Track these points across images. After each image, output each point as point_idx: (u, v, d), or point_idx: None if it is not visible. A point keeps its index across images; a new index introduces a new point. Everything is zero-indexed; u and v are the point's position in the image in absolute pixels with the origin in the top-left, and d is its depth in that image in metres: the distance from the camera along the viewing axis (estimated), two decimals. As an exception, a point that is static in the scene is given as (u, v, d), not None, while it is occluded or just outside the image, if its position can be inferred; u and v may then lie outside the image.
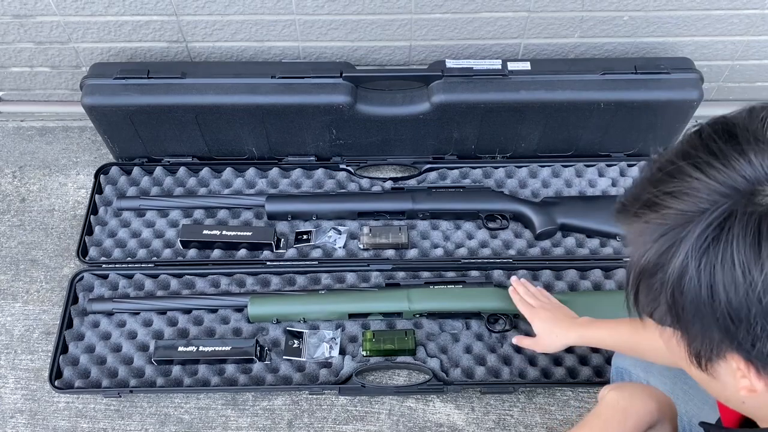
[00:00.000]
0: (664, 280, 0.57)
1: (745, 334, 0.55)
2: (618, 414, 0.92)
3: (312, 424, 1.37)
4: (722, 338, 0.56)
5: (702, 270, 0.54)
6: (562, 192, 1.64)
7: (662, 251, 0.57)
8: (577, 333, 1.24)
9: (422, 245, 1.56)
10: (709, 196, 0.55)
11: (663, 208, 0.57)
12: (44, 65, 1.68)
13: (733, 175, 0.55)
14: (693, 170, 0.56)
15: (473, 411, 1.39)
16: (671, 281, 0.57)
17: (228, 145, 1.63)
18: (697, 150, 0.58)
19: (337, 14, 1.52)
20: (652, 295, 0.60)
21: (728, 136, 0.57)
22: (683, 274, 0.56)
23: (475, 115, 1.53)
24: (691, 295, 0.56)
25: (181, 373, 1.40)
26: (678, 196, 0.56)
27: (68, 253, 1.61)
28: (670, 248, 0.56)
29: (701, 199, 0.55)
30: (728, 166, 0.55)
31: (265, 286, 1.51)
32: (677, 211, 0.56)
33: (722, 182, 0.55)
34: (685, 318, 0.58)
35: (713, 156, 0.56)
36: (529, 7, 1.51)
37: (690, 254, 0.55)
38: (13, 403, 1.41)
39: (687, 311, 0.57)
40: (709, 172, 0.56)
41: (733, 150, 0.56)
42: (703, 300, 0.55)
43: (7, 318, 1.52)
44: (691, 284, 0.55)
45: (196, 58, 1.63)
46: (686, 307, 0.57)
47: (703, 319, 0.56)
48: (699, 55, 1.62)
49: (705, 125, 0.60)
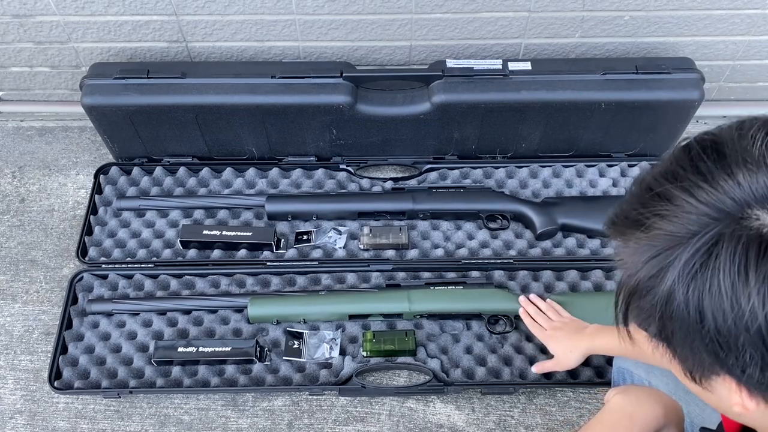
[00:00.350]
0: (654, 303, 0.57)
1: (734, 360, 0.54)
2: (624, 419, 0.91)
3: (312, 425, 1.37)
4: (712, 362, 0.56)
5: (690, 296, 0.54)
6: (563, 192, 1.63)
7: (652, 274, 0.56)
8: (587, 343, 1.24)
9: (423, 245, 1.55)
10: (698, 218, 0.54)
11: (651, 229, 0.56)
12: (44, 65, 1.68)
13: (722, 197, 0.54)
14: (681, 192, 0.55)
15: (474, 412, 1.38)
16: (660, 305, 0.56)
17: (228, 145, 1.63)
18: (685, 170, 0.57)
19: (337, 14, 1.52)
20: (643, 315, 0.59)
21: (717, 155, 0.56)
22: (671, 299, 0.55)
23: (475, 115, 1.53)
24: (680, 320, 0.55)
25: (180, 374, 1.39)
26: (666, 218, 0.56)
27: (68, 254, 1.60)
28: (660, 272, 0.56)
29: (690, 221, 0.54)
30: (716, 187, 0.54)
31: (265, 286, 1.50)
32: (666, 233, 0.55)
33: (710, 204, 0.54)
34: (675, 341, 0.58)
35: (701, 177, 0.55)
36: (530, 7, 1.50)
37: (678, 279, 0.54)
38: (13, 404, 1.41)
39: (676, 335, 0.57)
40: (697, 194, 0.55)
41: (722, 170, 0.54)
42: (692, 325, 0.54)
43: (7, 318, 1.52)
44: (680, 309, 0.55)
45: (196, 58, 1.63)
46: (675, 331, 0.56)
47: (692, 344, 0.56)
48: (700, 55, 1.61)
49: (693, 142, 0.59)
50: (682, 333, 0.56)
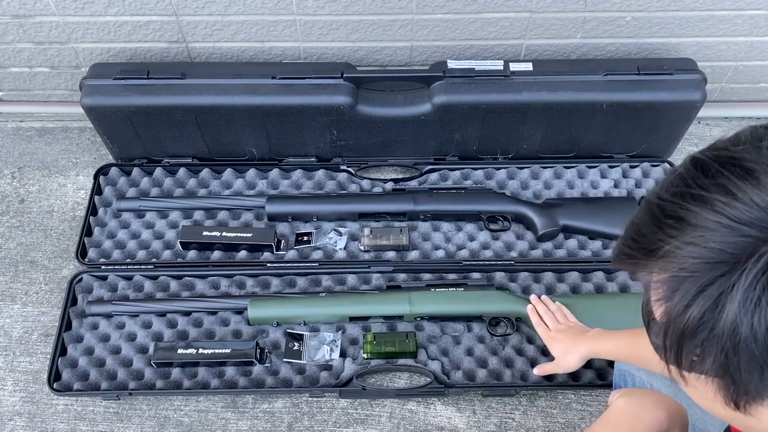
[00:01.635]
0: (711, 337, 0.52)
1: None
2: (627, 422, 0.90)
3: (312, 427, 1.36)
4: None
5: (757, 325, 0.50)
6: (564, 193, 1.63)
7: (706, 308, 0.52)
8: (587, 347, 1.24)
9: (423, 247, 1.55)
10: (737, 240, 0.50)
11: (685, 258, 0.52)
12: (44, 65, 1.67)
13: (760, 213, 0.50)
14: (712, 214, 0.51)
15: (474, 414, 1.38)
16: (722, 340, 0.52)
17: (228, 146, 1.63)
18: (709, 191, 0.52)
19: (338, 15, 1.51)
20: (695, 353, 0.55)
21: (741, 170, 0.52)
22: (736, 332, 0.51)
23: (476, 116, 1.53)
24: (748, 352, 0.51)
25: (180, 376, 1.39)
26: (701, 245, 0.51)
27: (67, 255, 1.60)
28: (715, 305, 0.51)
29: (729, 244, 0.50)
30: (751, 204, 0.50)
31: (265, 287, 1.50)
32: (704, 260, 0.51)
33: (749, 223, 0.50)
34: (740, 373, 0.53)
35: (731, 195, 0.51)
36: (531, 8, 1.50)
37: (740, 309, 0.50)
38: (12, 406, 1.40)
39: (742, 367, 0.53)
40: (732, 215, 0.51)
41: (754, 187, 0.51)
42: (762, 354, 0.51)
43: (6, 320, 1.52)
44: (747, 342, 0.51)
45: (196, 59, 1.63)
46: (741, 364, 0.52)
47: (761, 374, 0.52)
48: (702, 55, 1.61)
49: (706, 159, 0.55)
50: (751, 366, 0.52)
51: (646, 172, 1.65)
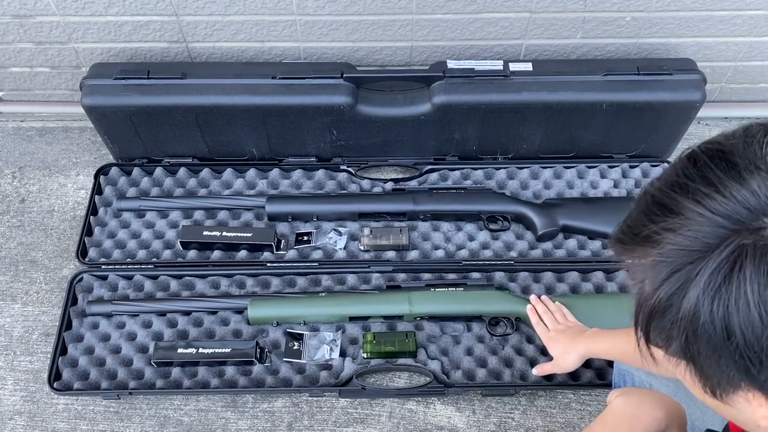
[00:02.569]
0: (676, 320, 0.55)
1: (766, 375, 0.53)
2: (626, 421, 0.91)
3: (312, 427, 1.37)
4: (740, 376, 0.55)
5: (716, 312, 0.52)
6: (564, 193, 1.63)
7: (672, 292, 0.54)
8: (584, 346, 1.24)
9: (423, 247, 1.55)
10: (713, 230, 0.53)
11: (664, 244, 0.55)
12: (44, 65, 1.68)
13: (737, 207, 0.52)
14: (692, 204, 0.54)
15: (474, 413, 1.38)
16: (684, 323, 0.54)
17: (228, 146, 1.63)
18: (694, 181, 0.55)
19: (338, 15, 1.51)
20: (664, 334, 0.58)
21: (726, 164, 0.54)
22: (696, 316, 0.53)
23: (476, 116, 1.53)
24: (706, 336, 0.54)
25: (180, 375, 1.39)
26: (678, 232, 0.54)
27: (68, 254, 1.60)
28: (681, 289, 0.54)
29: (705, 233, 0.53)
30: (730, 197, 0.52)
31: (265, 287, 1.50)
32: (680, 247, 0.54)
33: (724, 215, 0.52)
34: (700, 357, 0.56)
35: (713, 187, 0.54)
36: (531, 8, 1.50)
37: (702, 295, 0.52)
38: (12, 405, 1.40)
39: (701, 351, 0.55)
40: (710, 205, 0.53)
41: (734, 180, 0.53)
42: (719, 340, 0.53)
43: (7, 319, 1.52)
44: (705, 326, 0.53)
45: (197, 59, 1.63)
46: (701, 348, 0.55)
47: (719, 360, 0.54)
48: (702, 56, 1.61)
49: (698, 151, 0.57)
50: (708, 350, 0.54)
51: (645, 172, 1.65)
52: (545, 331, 1.32)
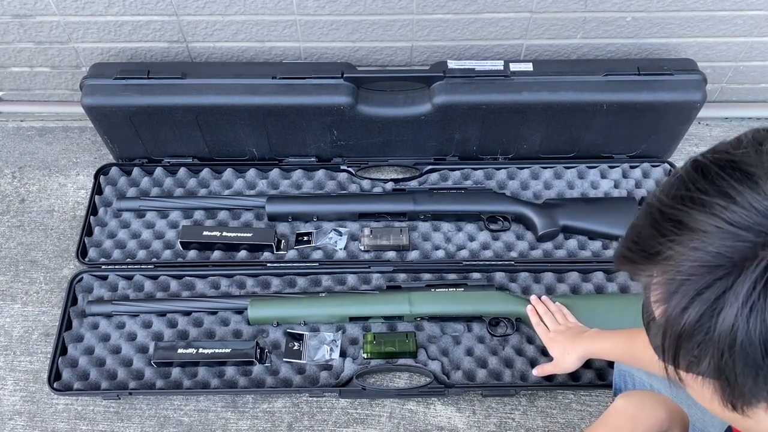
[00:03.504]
0: (709, 340, 0.53)
1: None
2: (626, 422, 0.91)
3: (312, 427, 1.37)
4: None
5: (753, 329, 0.50)
6: (564, 194, 1.63)
7: (702, 312, 0.52)
8: (584, 347, 1.24)
9: (423, 247, 1.55)
10: (737, 244, 0.50)
11: (682, 261, 0.53)
12: (44, 65, 1.68)
13: (758, 218, 0.50)
14: (710, 218, 0.52)
15: (474, 414, 1.38)
16: (720, 342, 0.52)
17: (228, 146, 1.63)
18: (708, 194, 0.52)
19: (338, 15, 1.51)
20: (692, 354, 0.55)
21: (741, 174, 0.52)
22: (733, 335, 0.51)
23: (476, 117, 1.53)
24: (744, 356, 0.51)
25: (180, 375, 1.39)
26: (698, 248, 0.52)
27: (68, 254, 1.60)
28: (712, 308, 0.51)
29: (726, 248, 0.51)
30: (750, 209, 0.50)
31: (265, 287, 1.50)
32: (702, 264, 0.52)
33: (746, 227, 0.50)
34: (734, 375, 0.53)
35: (730, 199, 0.51)
36: (532, 8, 1.50)
37: (739, 313, 0.50)
38: (12, 405, 1.40)
39: (738, 370, 0.53)
40: (730, 218, 0.51)
41: (752, 190, 0.51)
42: (758, 358, 0.51)
43: (6, 319, 1.52)
44: (744, 345, 0.51)
45: (197, 59, 1.63)
46: (737, 367, 0.52)
47: (756, 377, 0.52)
48: (702, 56, 1.61)
49: (706, 162, 0.55)
50: (747, 368, 0.52)
51: (646, 172, 1.65)
52: (545, 332, 1.32)
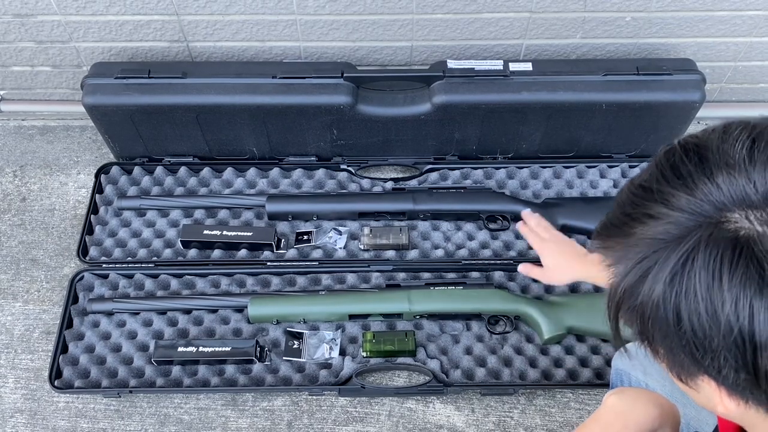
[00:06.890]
0: (635, 305, 0.58)
1: (710, 362, 0.55)
2: (618, 419, 0.91)
3: (312, 425, 1.37)
4: (690, 363, 0.57)
5: (668, 299, 0.55)
6: (564, 193, 1.63)
7: (636, 278, 0.57)
8: (583, 271, 1.26)
9: (423, 246, 1.55)
10: (679, 224, 0.55)
11: (634, 235, 0.57)
12: (45, 64, 1.68)
13: (700, 202, 0.54)
14: (661, 197, 0.56)
15: (473, 412, 1.39)
16: (641, 307, 0.57)
17: (229, 145, 1.63)
18: (666, 176, 0.57)
19: (338, 14, 1.51)
20: (626, 317, 0.61)
21: (699, 158, 0.56)
22: (652, 302, 0.56)
23: (476, 116, 1.53)
24: (659, 322, 0.56)
25: (180, 374, 1.39)
26: (647, 224, 0.56)
27: (68, 253, 1.61)
28: (643, 276, 0.56)
29: (671, 226, 0.55)
30: (696, 192, 0.54)
31: (265, 286, 1.50)
32: (647, 238, 0.56)
33: (690, 210, 0.54)
34: (656, 342, 0.59)
35: (681, 181, 0.55)
36: (531, 8, 1.50)
37: (658, 283, 0.55)
38: (13, 403, 1.41)
39: (656, 337, 0.58)
40: (677, 199, 0.55)
41: (703, 174, 0.55)
42: (670, 327, 0.56)
43: (8, 317, 1.52)
44: (659, 312, 0.56)
45: (197, 58, 1.63)
46: (655, 334, 0.58)
47: (671, 345, 0.57)
48: (701, 56, 1.61)
49: (677, 145, 0.59)
50: (661, 335, 0.57)
51: (645, 172, 1.65)
52: (538, 239, 1.34)
